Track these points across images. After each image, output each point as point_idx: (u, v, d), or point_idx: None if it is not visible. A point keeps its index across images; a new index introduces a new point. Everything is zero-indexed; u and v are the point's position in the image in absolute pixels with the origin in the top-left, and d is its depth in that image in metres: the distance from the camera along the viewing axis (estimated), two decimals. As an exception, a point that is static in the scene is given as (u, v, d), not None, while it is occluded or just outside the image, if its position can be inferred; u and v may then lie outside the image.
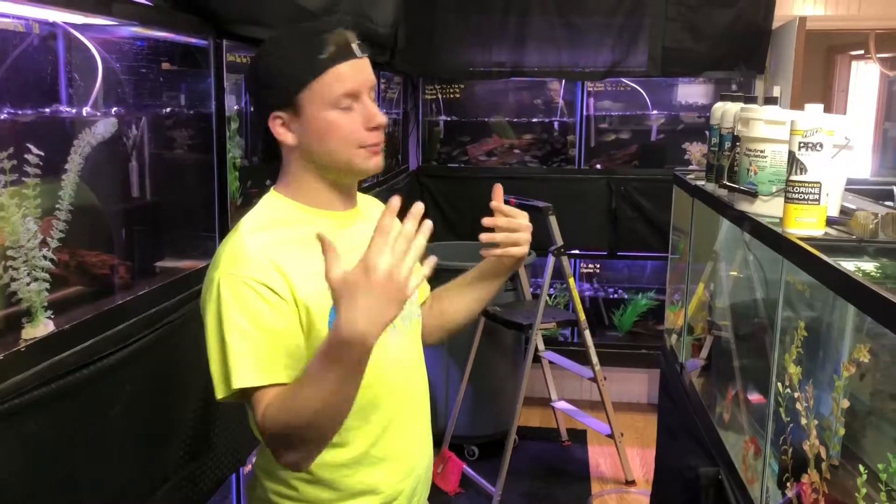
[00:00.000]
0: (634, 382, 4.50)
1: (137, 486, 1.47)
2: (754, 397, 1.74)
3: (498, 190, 1.39)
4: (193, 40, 1.77)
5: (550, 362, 3.98)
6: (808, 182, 1.44)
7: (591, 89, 4.48)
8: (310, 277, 1.21)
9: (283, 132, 1.27)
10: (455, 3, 4.15)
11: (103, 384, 1.32)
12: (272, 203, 1.32)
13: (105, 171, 1.56)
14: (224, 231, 1.85)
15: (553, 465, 3.91)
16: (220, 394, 1.19)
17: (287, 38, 1.29)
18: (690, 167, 4.32)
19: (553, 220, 3.49)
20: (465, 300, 1.50)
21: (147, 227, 1.69)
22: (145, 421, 1.48)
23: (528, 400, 4.00)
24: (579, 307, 3.68)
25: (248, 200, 2.17)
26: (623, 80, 4.43)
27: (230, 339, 1.17)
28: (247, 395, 1.17)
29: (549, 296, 4.35)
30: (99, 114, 1.52)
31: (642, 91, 4.53)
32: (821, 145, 1.43)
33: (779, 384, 1.43)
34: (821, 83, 6.57)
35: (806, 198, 1.44)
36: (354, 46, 1.26)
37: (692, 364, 2.35)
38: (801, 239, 1.40)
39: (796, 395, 1.35)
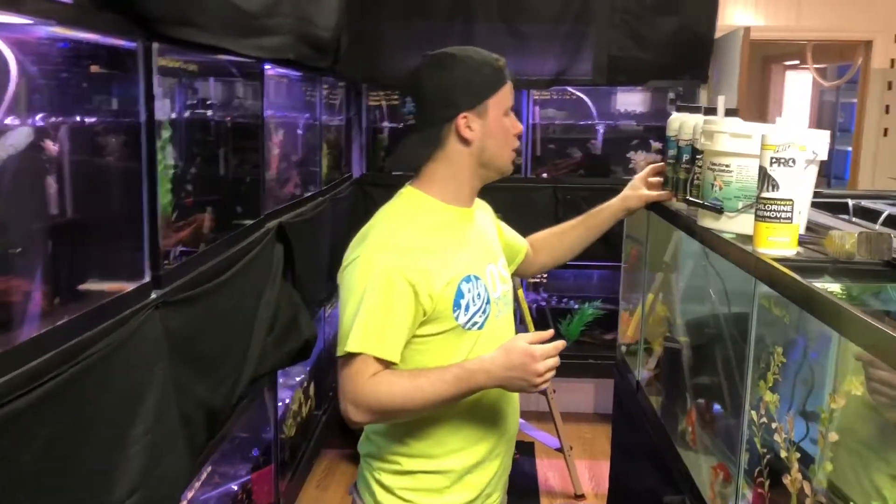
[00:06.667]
0: (582, 392, 4.46)
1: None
2: (722, 421, 1.67)
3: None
4: (121, 42, 1.62)
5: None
6: (781, 199, 1.37)
7: (536, 97, 4.42)
8: (441, 268, 1.48)
9: (467, 131, 1.53)
10: (399, 9, 4.03)
11: (12, 431, 1.16)
12: (410, 196, 1.59)
13: (19, 186, 1.40)
14: (155, 248, 1.69)
15: (501, 481, 3.82)
16: (339, 352, 1.46)
17: (474, 56, 1.56)
18: (637, 177, 4.29)
19: (501, 230, 3.40)
20: (582, 230, 1.97)
21: (68, 246, 1.53)
22: (64, 467, 1.32)
23: (475, 414, 3.91)
24: (528, 318, 3.61)
25: (184, 214, 2.01)
26: (568, 88, 4.39)
27: (362, 311, 1.43)
28: (344, 357, 1.44)
29: (496, 307, 4.27)
30: (13, 122, 1.37)
31: (587, 100, 4.49)
32: (793, 161, 1.36)
33: (753, 413, 1.36)
34: (757, 93, 6.69)
35: (778, 216, 1.38)
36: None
37: (649, 380, 2.29)
38: (776, 260, 1.33)
39: (774, 425, 1.28)
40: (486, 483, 1.60)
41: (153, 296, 1.67)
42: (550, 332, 1.48)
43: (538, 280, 4.70)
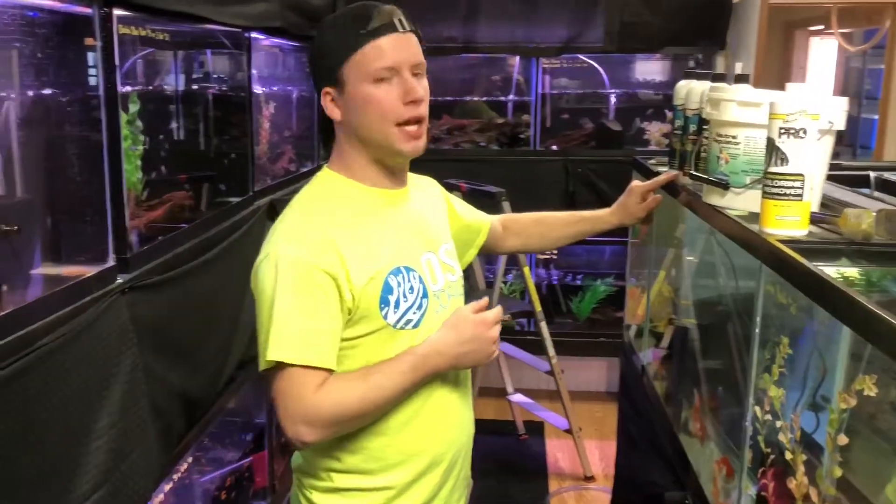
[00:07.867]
0: (593, 371, 4.34)
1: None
2: (726, 412, 1.55)
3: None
4: (76, 8, 1.51)
5: (506, 354, 3.79)
6: (790, 174, 1.24)
7: (546, 66, 4.26)
8: (363, 262, 1.29)
9: (331, 107, 1.33)
10: (401, -26, 3.88)
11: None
12: (326, 180, 1.38)
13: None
14: (120, 230, 1.59)
15: (509, 461, 3.74)
16: (261, 366, 1.27)
17: (338, 16, 1.34)
18: (649, 148, 4.14)
19: (507, 206, 3.28)
20: (571, 231, 1.82)
21: (18, 228, 1.42)
22: (15, 463, 1.23)
23: (483, 391, 3.81)
24: (535, 298, 3.49)
25: (158, 192, 1.91)
26: (580, 56, 4.22)
27: (277, 314, 1.23)
28: (276, 372, 1.24)
29: (504, 283, 4.15)
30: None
31: (599, 68, 4.32)
32: (804, 131, 1.23)
33: (757, 409, 1.24)
34: (780, 60, 6.45)
35: (787, 193, 1.24)
36: (396, 21, 1.29)
37: (653, 362, 2.18)
38: (783, 241, 1.20)
39: (779, 423, 1.16)
40: (428, 498, 1.40)
41: (119, 280, 1.58)
42: (486, 300, 1.37)
43: (548, 256, 4.57)
